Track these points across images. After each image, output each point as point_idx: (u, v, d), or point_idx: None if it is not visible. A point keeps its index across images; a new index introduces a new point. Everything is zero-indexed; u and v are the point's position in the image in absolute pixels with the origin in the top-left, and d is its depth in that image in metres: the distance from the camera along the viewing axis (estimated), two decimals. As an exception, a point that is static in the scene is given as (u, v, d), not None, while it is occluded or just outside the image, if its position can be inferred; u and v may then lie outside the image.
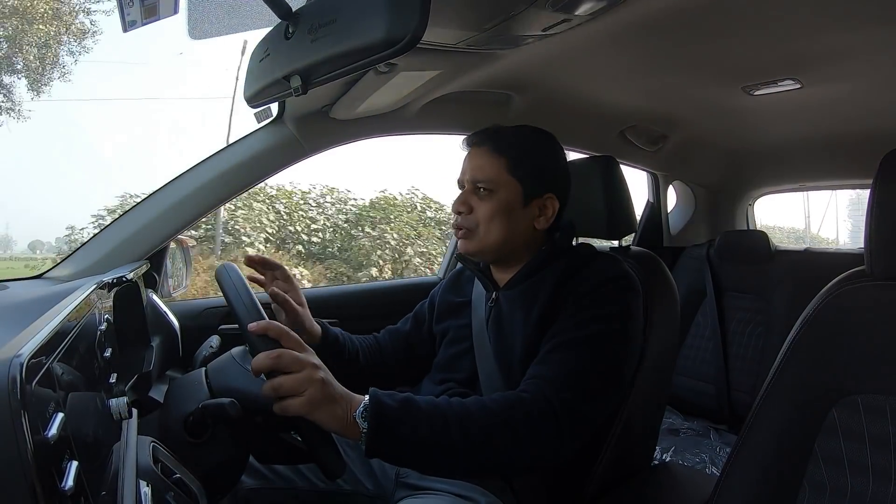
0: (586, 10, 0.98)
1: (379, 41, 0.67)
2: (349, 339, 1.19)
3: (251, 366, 0.78)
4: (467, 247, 1.08)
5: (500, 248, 1.07)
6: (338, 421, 0.78)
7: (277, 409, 0.77)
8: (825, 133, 1.99)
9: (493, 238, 1.06)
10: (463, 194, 1.09)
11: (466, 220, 1.07)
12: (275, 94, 0.96)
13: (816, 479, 0.81)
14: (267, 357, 0.76)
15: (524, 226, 1.08)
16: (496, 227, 1.06)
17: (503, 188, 1.06)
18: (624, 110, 1.79)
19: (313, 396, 0.76)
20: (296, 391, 0.76)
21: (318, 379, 0.77)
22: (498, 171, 1.06)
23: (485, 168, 1.07)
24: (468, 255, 1.10)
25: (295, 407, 0.76)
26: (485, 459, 0.84)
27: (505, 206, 1.06)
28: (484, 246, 1.07)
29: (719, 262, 2.35)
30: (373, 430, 0.78)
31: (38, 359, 0.46)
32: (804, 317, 0.87)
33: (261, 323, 0.79)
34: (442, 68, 1.22)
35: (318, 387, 0.77)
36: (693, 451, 1.94)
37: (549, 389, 0.89)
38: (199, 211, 1.33)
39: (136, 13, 0.87)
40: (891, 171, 0.81)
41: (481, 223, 1.06)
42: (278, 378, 0.76)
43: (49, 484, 0.40)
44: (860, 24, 1.11)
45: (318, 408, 0.76)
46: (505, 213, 1.06)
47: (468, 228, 1.07)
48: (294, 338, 0.80)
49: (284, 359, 0.76)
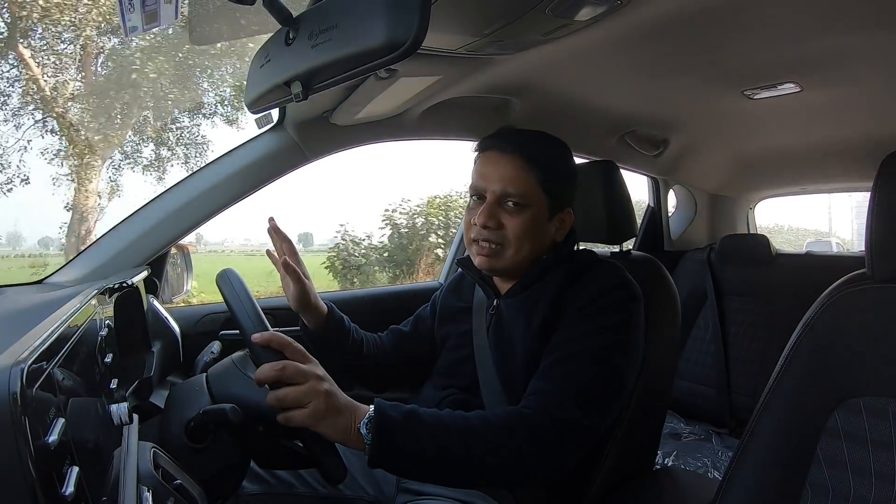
0: (586, 15, 0.98)
1: (379, 47, 0.67)
2: (355, 328, 1.17)
3: (255, 377, 0.78)
4: (493, 264, 1.03)
5: (526, 264, 1.04)
6: (341, 432, 0.78)
7: (281, 420, 0.77)
8: (825, 136, 1.99)
9: (523, 255, 1.02)
10: (489, 207, 1.00)
11: (495, 235, 1.01)
12: (275, 99, 0.97)
13: (819, 482, 0.80)
14: (271, 368, 0.76)
15: (548, 241, 1.05)
16: (527, 245, 1.01)
17: (535, 203, 1.01)
18: (624, 115, 1.80)
19: (317, 408, 0.76)
20: (300, 403, 0.76)
21: (322, 391, 0.77)
22: (529, 185, 1.00)
23: (517, 181, 1.00)
24: (492, 272, 1.06)
25: (299, 418, 0.76)
26: (487, 472, 0.85)
27: (536, 222, 1.01)
28: (514, 264, 1.03)
29: (720, 266, 2.35)
30: (376, 442, 0.79)
31: (38, 364, 0.46)
32: (805, 320, 0.87)
33: (265, 334, 0.79)
34: (442, 74, 1.22)
35: (322, 398, 0.77)
36: (695, 456, 1.93)
37: (551, 405, 0.89)
38: (200, 217, 1.33)
39: (136, 19, 0.87)
40: (890, 174, 0.81)
41: (512, 241, 1.01)
42: (283, 389, 0.76)
43: (50, 489, 0.40)
44: (860, 28, 1.11)
45: (322, 419, 0.77)
46: (535, 229, 1.02)
47: (497, 244, 1.01)
48: (298, 348, 0.81)
49: (288, 370, 0.76)
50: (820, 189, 2.85)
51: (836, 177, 2.50)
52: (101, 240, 1.31)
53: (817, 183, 2.67)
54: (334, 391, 0.79)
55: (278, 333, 0.80)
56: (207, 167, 1.36)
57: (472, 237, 1.04)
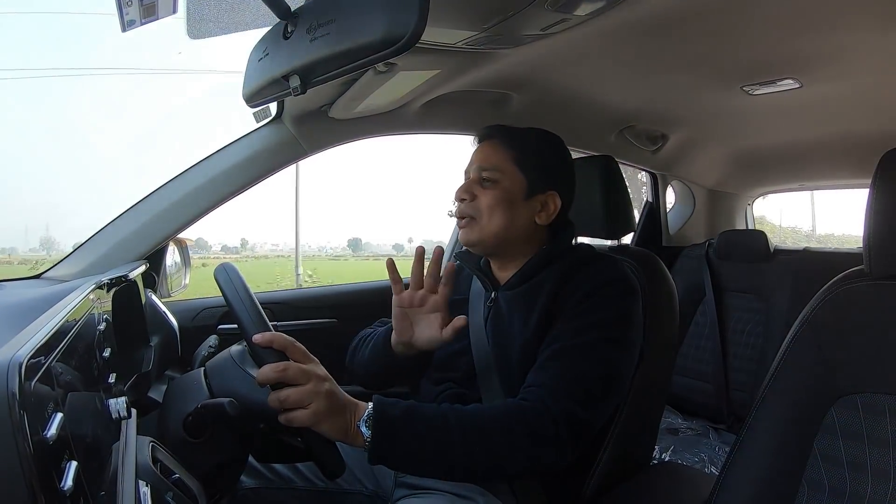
0: (585, 10, 0.98)
1: (378, 41, 0.67)
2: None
3: (257, 378, 0.78)
4: (468, 235, 1.08)
5: (499, 238, 1.07)
6: (342, 431, 0.79)
7: (283, 421, 0.77)
8: (824, 133, 1.99)
9: (493, 227, 1.06)
10: (467, 183, 1.09)
11: (469, 207, 1.07)
12: (274, 93, 0.96)
13: (815, 479, 0.81)
14: (273, 370, 0.76)
15: (525, 219, 1.07)
16: (497, 217, 1.05)
17: (507, 178, 1.06)
18: (623, 110, 1.79)
19: (319, 408, 0.77)
20: (301, 403, 0.76)
21: (323, 391, 0.78)
22: (503, 161, 1.07)
23: (491, 158, 1.08)
24: (468, 244, 1.10)
25: (301, 419, 0.76)
26: (486, 466, 0.85)
27: (507, 196, 1.06)
28: (484, 235, 1.06)
29: (718, 262, 2.36)
30: (376, 439, 0.79)
31: (37, 359, 0.45)
32: (803, 316, 0.87)
33: (266, 334, 0.79)
34: (441, 68, 1.22)
35: (323, 399, 0.77)
36: (692, 451, 1.94)
37: (548, 397, 0.89)
38: (198, 211, 1.33)
39: (134, 12, 0.87)
40: (889, 171, 0.81)
41: (483, 211, 1.06)
42: (284, 390, 0.76)
43: (48, 484, 0.40)
44: (859, 24, 1.11)
45: (323, 419, 0.77)
46: (507, 203, 1.06)
47: (470, 216, 1.07)
48: (300, 349, 0.81)
49: (290, 371, 0.77)
50: (818, 185, 2.85)
51: (834, 173, 2.50)
52: (99, 234, 1.30)
53: (816, 179, 2.67)
54: (335, 391, 0.80)
55: (280, 334, 0.80)
56: (205, 161, 1.36)
57: (455, 212, 1.12)
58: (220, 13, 1.05)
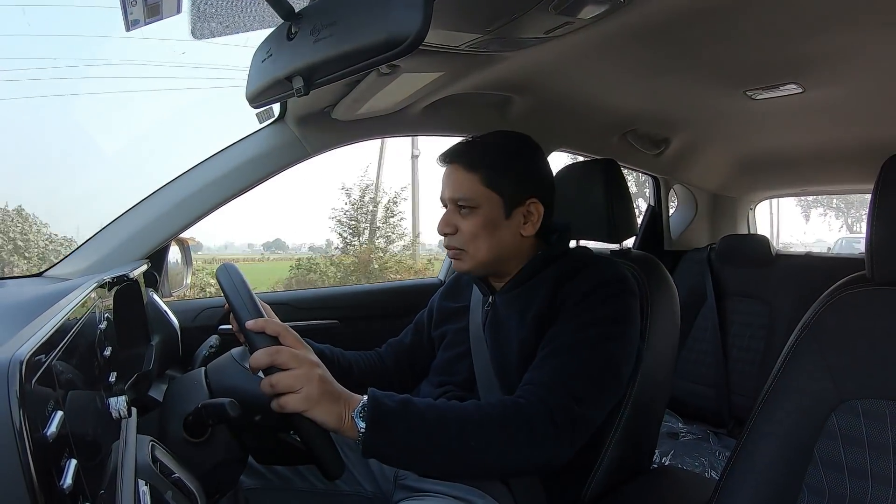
0: (589, 13, 0.98)
1: (381, 42, 0.67)
2: (339, 354, 1.18)
3: (250, 362, 0.78)
4: (461, 266, 1.09)
5: (491, 260, 1.07)
6: (335, 419, 0.78)
7: (275, 406, 0.76)
8: (827, 138, 1.99)
9: (482, 255, 1.06)
10: (446, 215, 1.09)
11: (454, 240, 1.07)
12: (277, 94, 0.96)
13: (816, 484, 0.81)
14: (265, 354, 0.76)
15: (511, 235, 1.07)
16: (483, 243, 1.05)
17: (484, 203, 1.05)
18: (626, 113, 1.79)
19: (310, 393, 0.76)
20: (293, 388, 0.76)
21: (315, 376, 0.77)
22: (475, 188, 1.05)
23: (462, 186, 1.06)
24: (463, 273, 1.11)
25: (292, 403, 0.75)
26: (481, 462, 0.84)
27: (488, 220, 1.05)
28: (476, 264, 1.07)
29: (720, 266, 2.35)
30: (370, 430, 0.78)
31: (37, 357, 0.46)
32: (805, 321, 0.87)
33: (259, 320, 0.79)
34: (444, 70, 1.22)
35: (315, 383, 0.76)
36: (692, 455, 1.94)
37: (545, 394, 0.89)
38: (200, 211, 1.33)
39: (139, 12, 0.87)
40: (892, 177, 0.81)
41: (468, 241, 1.06)
42: (276, 374, 0.76)
43: (48, 482, 0.40)
44: (862, 29, 1.11)
45: (315, 405, 0.76)
46: (489, 227, 1.05)
47: (457, 248, 1.07)
48: (292, 335, 0.80)
49: (282, 355, 0.76)
50: (821, 190, 2.85)
51: (836, 178, 2.50)
52: (101, 233, 1.30)
53: (818, 184, 2.67)
54: (327, 377, 0.79)
55: (272, 320, 0.80)
56: (208, 161, 1.36)
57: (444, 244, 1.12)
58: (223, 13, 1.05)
